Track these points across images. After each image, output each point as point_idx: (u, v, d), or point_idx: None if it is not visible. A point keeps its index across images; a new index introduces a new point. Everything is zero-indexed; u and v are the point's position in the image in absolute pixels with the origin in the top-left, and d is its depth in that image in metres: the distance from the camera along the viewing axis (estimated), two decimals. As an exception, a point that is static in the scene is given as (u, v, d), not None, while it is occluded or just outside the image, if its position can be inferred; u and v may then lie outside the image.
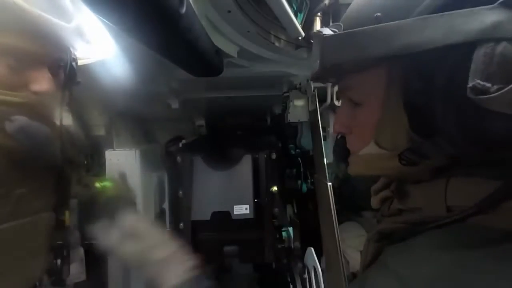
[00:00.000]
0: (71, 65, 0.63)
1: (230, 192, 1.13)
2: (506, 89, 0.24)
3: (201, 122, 1.58)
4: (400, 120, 0.32)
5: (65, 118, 0.69)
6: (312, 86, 1.07)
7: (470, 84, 0.25)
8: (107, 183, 1.07)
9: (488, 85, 0.24)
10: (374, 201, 0.42)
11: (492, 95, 0.24)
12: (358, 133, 0.39)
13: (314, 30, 0.84)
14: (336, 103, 1.14)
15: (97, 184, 1.09)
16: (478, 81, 0.25)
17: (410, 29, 0.28)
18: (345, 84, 0.39)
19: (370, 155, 0.37)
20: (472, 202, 0.28)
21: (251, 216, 1.10)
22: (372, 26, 0.30)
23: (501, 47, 0.24)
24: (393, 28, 0.29)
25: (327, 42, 0.33)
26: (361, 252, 0.44)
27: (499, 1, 0.25)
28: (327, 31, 0.34)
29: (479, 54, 0.25)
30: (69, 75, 0.63)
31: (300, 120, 1.22)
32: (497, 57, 0.24)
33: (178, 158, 1.19)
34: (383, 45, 0.29)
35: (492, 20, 0.25)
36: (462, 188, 0.30)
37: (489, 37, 0.25)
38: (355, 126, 0.39)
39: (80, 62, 0.70)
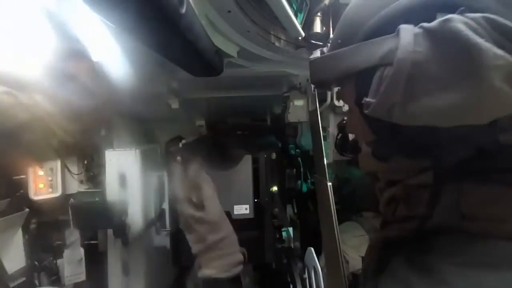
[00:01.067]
0: None
1: (230, 192, 1.13)
2: (374, 101, 0.30)
3: (201, 122, 1.58)
4: (364, 123, 0.38)
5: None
6: (312, 86, 1.07)
7: (363, 101, 0.32)
8: None
9: (372, 100, 0.31)
10: (381, 203, 0.42)
11: (370, 108, 0.31)
12: (356, 135, 0.45)
13: (314, 30, 0.84)
14: (336, 103, 1.14)
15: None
16: (365, 98, 0.32)
17: (347, 55, 0.34)
18: (339, 94, 0.47)
19: (363, 154, 0.41)
20: (488, 210, 0.28)
21: (251, 216, 1.10)
22: (332, 52, 0.38)
23: (387, 70, 0.29)
24: (339, 54, 0.36)
25: (310, 64, 0.42)
26: (362, 257, 0.47)
27: (396, 30, 0.29)
28: (316, 54, 0.44)
29: (376, 76, 0.31)
30: None
31: (300, 120, 1.22)
32: (384, 78, 0.29)
33: (178, 158, 1.19)
34: (332, 68, 0.37)
35: (389, 47, 0.29)
36: (478, 195, 0.29)
37: (386, 62, 0.29)
38: (353, 128, 0.46)
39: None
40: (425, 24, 0.27)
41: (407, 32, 0.28)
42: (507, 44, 0.24)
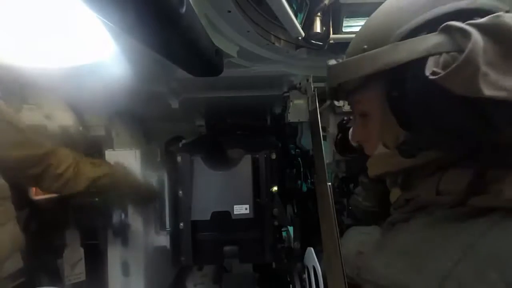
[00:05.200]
0: None
1: (230, 192, 1.13)
2: (450, 68, 0.32)
3: (201, 122, 1.58)
4: (392, 121, 0.41)
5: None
6: (312, 86, 1.07)
7: (429, 71, 0.34)
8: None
9: (440, 70, 0.33)
10: (392, 196, 0.50)
11: (443, 73, 0.32)
12: (370, 138, 0.49)
13: (314, 30, 0.84)
14: (336, 103, 1.14)
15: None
16: (434, 68, 0.34)
17: (385, 53, 0.39)
18: (354, 99, 0.51)
19: (379, 155, 0.46)
20: (458, 188, 0.35)
21: (251, 216, 1.09)
22: (360, 54, 0.42)
23: (442, 57, 0.34)
24: (373, 54, 0.40)
25: (331, 69, 0.47)
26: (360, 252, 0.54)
27: (439, 29, 0.35)
28: (332, 62, 0.49)
29: (430, 63, 0.34)
30: None
31: (300, 120, 1.22)
32: (441, 64, 0.34)
33: (178, 158, 1.19)
34: (368, 66, 0.41)
35: (434, 42, 0.35)
36: (450, 177, 0.38)
37: (436, 51, 0.34)
38: (367, 133, 0.49)
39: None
40: (473, 21, 0.33)
41: (461, 24, 0.33)
42: None
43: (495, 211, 0.31)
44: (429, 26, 0.37)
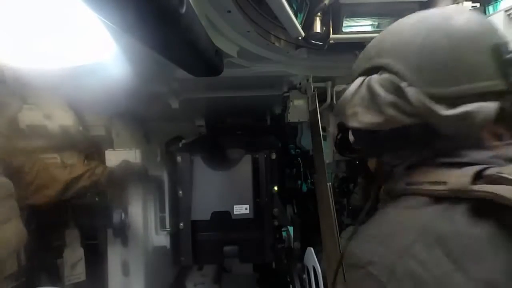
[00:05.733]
0: None
1: (230, 192, 1.13)
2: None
3: (201, 122, 1.58)
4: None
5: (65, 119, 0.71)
6: (312, 86, 1.07)
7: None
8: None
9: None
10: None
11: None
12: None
13: (314, 30, 0.84)
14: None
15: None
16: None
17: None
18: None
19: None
20: (420, 181, 0.43)
21: (251, 216, 1.10)
22: (340, 99, 0.53)
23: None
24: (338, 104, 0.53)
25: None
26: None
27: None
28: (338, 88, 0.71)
29: None
30: None
31: (300, 120, 1.22)
32: None
33: (178, 158, 1.19)
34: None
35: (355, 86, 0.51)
36: (417, 173, 0.45)
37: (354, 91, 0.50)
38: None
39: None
40: (366, 78, 0.48)
41: (359, 80, 0.49)
42: (394, 92, 0.44)
43: (444, 200, 0.39)
44: (366, 72, 0.49)
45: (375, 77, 0.46)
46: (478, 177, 0.37)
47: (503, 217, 0.34)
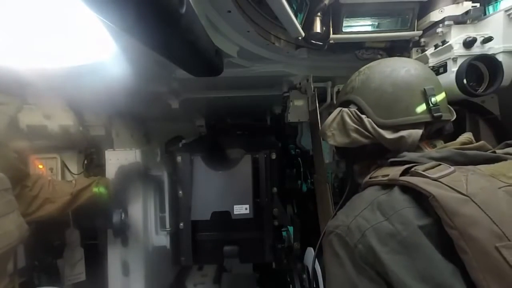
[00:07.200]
0: None
1: (230, 192, 1.13)
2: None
3: (201, 122, 1.58)
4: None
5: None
6: (312, 86, 1.07)
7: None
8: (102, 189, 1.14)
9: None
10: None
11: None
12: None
13: (314, 30, 0.84)
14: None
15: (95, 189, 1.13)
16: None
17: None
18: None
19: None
20: (378, 175, 0.59)
21: (251, 216, 1.09)
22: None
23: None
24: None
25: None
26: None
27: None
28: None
29: None
30: None
31: (300, 120, 1.22)
32: None
33: (178, 158, 1.19)
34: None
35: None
36: (378, 171, 0.60)
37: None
38: None
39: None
40: (342, 109, 0.67)
41: (337, 110, 0.68)
42: (356, 121, 0.63)
43: (387, 186, 0.55)
44: (343, 104, 0.68)
45: (345, 109, 0.65)
46: (406, 172, 0.54)
47: (414, 192, 0.50)
